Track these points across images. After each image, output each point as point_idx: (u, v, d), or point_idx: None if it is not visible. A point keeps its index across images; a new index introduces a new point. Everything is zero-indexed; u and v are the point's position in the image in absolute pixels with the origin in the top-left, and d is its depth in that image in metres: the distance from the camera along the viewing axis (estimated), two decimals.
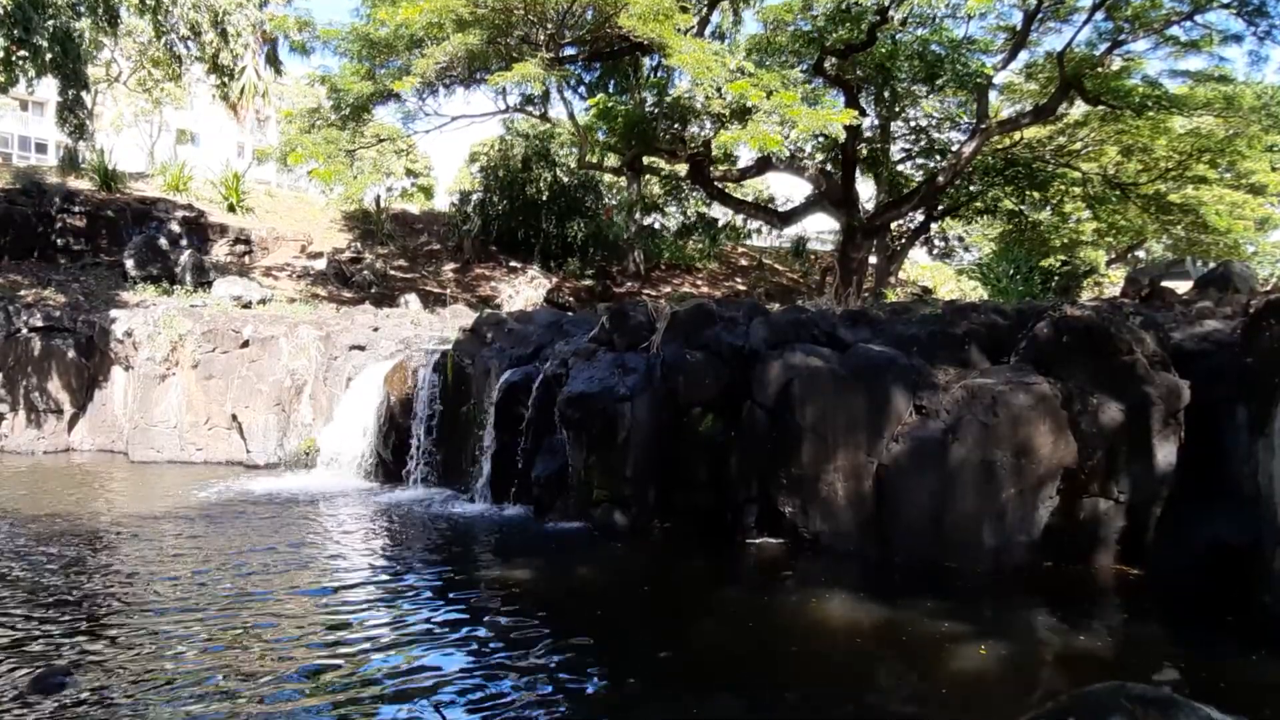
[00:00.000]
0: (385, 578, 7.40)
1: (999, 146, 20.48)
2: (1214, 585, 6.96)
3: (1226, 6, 15.66)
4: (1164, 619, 6.71)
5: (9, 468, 12.34)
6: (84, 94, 19.64)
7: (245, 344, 13.43)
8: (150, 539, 8.35)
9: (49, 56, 14.61)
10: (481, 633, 5.95)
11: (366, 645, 5.68)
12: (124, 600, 6.49)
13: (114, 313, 14.16)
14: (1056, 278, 18.29)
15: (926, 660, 5.57)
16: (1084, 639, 6.06)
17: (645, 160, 20.34)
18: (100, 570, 7.27)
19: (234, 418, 13.23)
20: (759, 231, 29.15)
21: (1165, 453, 7.59)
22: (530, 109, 20.36)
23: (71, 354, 13.78)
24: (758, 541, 8.57)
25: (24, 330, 13.69)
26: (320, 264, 20.30)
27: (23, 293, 14.61)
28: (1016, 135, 20.24)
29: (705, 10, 17.75)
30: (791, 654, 5.88)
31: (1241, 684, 5.26)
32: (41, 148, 46.18)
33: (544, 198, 22.62)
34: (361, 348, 13.20)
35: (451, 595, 6.89)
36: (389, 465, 11.72)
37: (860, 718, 4.77)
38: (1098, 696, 2.08)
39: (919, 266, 29.19)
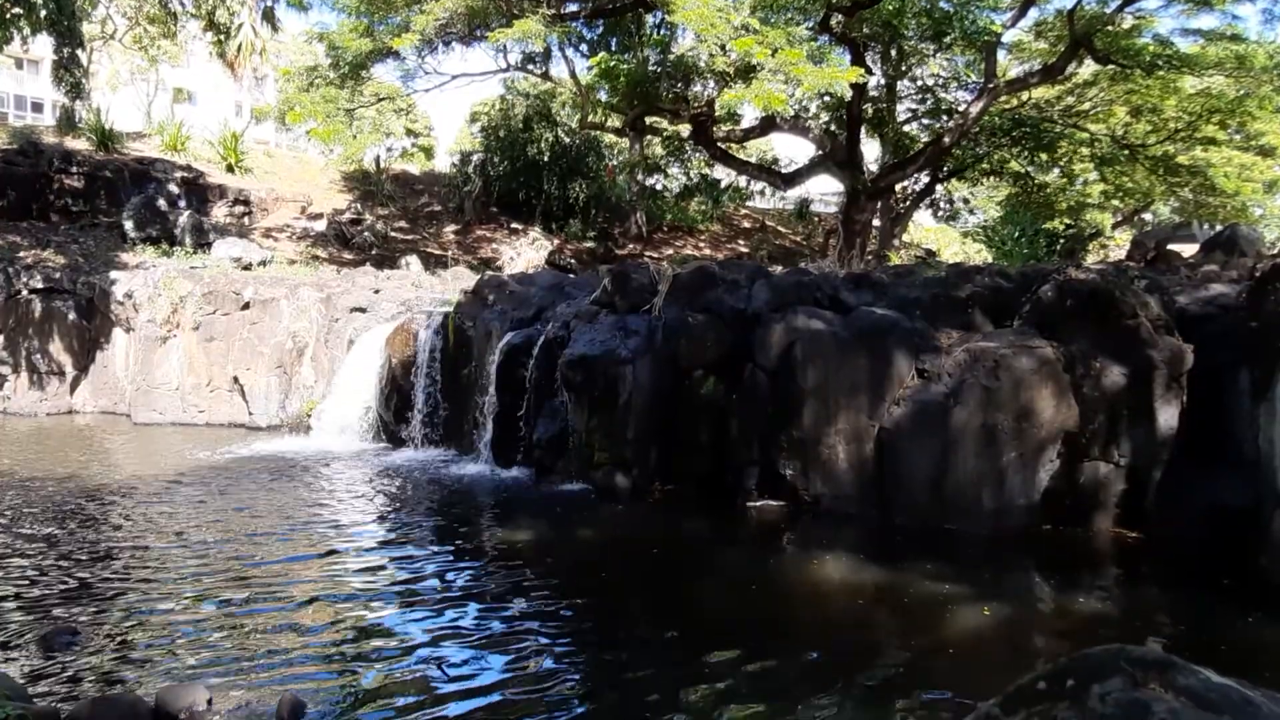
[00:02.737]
0: (387, 539, 7.46)
1: (1006, 107, 20.19)
2: (1212, 548, 6.99)
3: None
4: (1163, 582, 6.76)
5: (13, 429, 12.40)
6: (79, 52, 19.37)
7: (246, 306, 13.40)
8: (155, 500, 8.40)
9: (43, 13, 14.39)
10: (482, 593, 6.00)
11: (369, 604, 5.73)
12: (130, 560, 6.54)
13: (114, 274, 14.12)
14: (1062, 240, 18.11)
15: (928, 622, 5.62)
16: (1083, 601, 6.10)
17: (648, 120, 20.09)
18: (106, 531, 7.33)
19: (235, 380, 13.25)
20: (762, 193, 28.90)
21: (1167, 417, 7.59)
22: (531, 68, 20.08)
23: (72, 316, 13.77)
24: (758, 504, 8.61)
25: (24, 292, 13.66)
26: (320, 225, 20.18)
27: (22, 254, 14.55)
28: (1024, 95, 19.94)
29: None
30: (792, 615, 5.93)
31: (1239, 646, 5.30)
32: (37, 107, 45.65)
33: (545, 158, 22.39)
34: (363, 310, 13.17)
35: (453, 556, 6.94)
36: (391, 427, 11.75)
37: (862, 678, 4.81)
38: (1098, 659, 2.08)
39: (923, 229, 28.98)
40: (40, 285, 13.77)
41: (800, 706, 4.36)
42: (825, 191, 30.18)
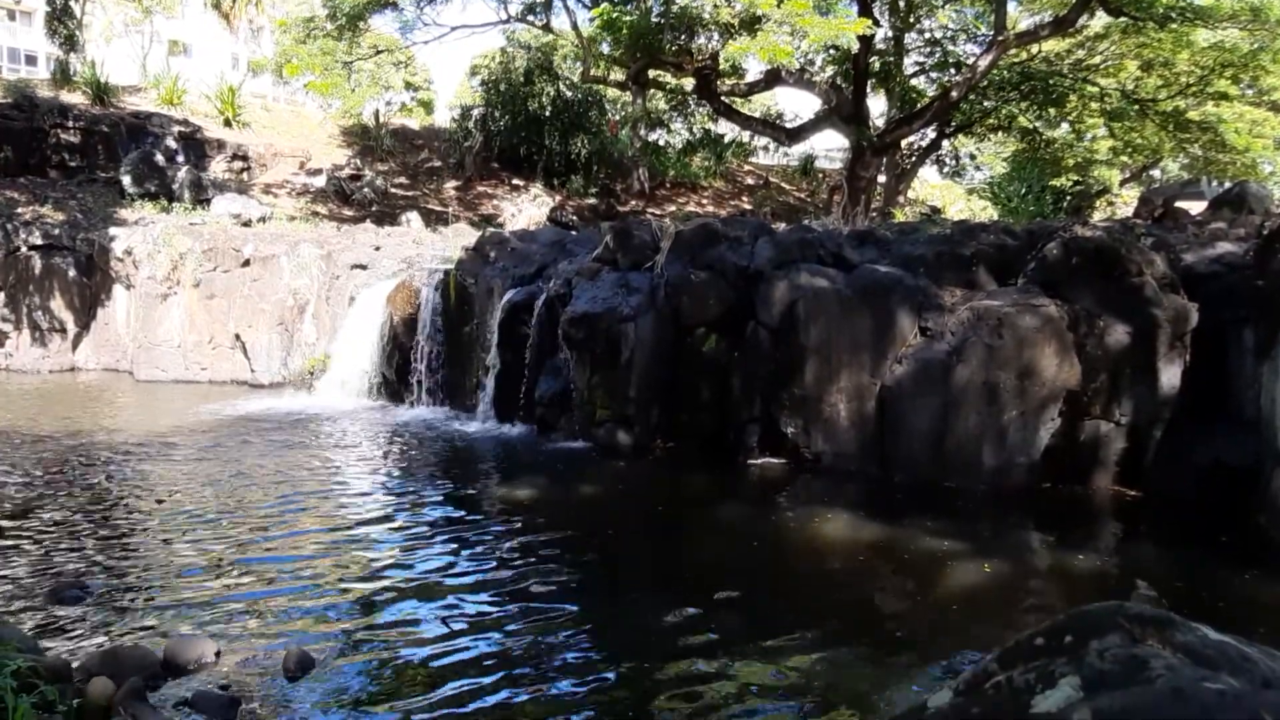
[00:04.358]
0: (390, 495, 7.51)
1: (1015, 60, 19.84)
2: (1211, 507, 7.03)
3: None
4: (1161, 539, 6.80)
5: (17, 386, 12.43)
6: (72, 3, 19.04)
7: (246, 263, 13.33)
8: (159, 457, 8.45)
9: None
10: (485, 549, 6.06)
11: (373, 561, 5.79)
12: (135, 516, 6.60)
13: (113, 231, 14.03)
14: (1068, 197, 17.96)
15: (928, 578, 5.67)
16: (1082, 558, 6.15)
17: (651, 74, 19.79)
18: (111, 487, 7.38)
19: (237, 337, 13.24)
20: (766, 149, 28.59)
21: (1169, 375, 7.58)
22: (532, 19, 19.72)
23: (72, 273, 13.72)
24: (760, 462, 8.65)
25: (23, 248, 13.59)
26: (319, 181, 19.99)
27: (20, 210, 14.44)
28: (1034, 48, 19.57)
29: None
30: (794, 572, 5.99)
31: (1237, 603, 5.36)
32: (31, 60, 44.98)
33: (547, 113, 22.08)
34: (364, 267, 13.10)
35: (456, 512, 6.99)
36: (392, 384, 11.78)
37: (862, 633, 4.87)
38: (1096, 615, 2.08)
39: (929, 185, 28.69)
40: (39, 242, 13.69)
41: (802, 661, 4.42)
42: (830, 147, 29.83)
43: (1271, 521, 6.50)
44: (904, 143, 21.78)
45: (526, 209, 19.87)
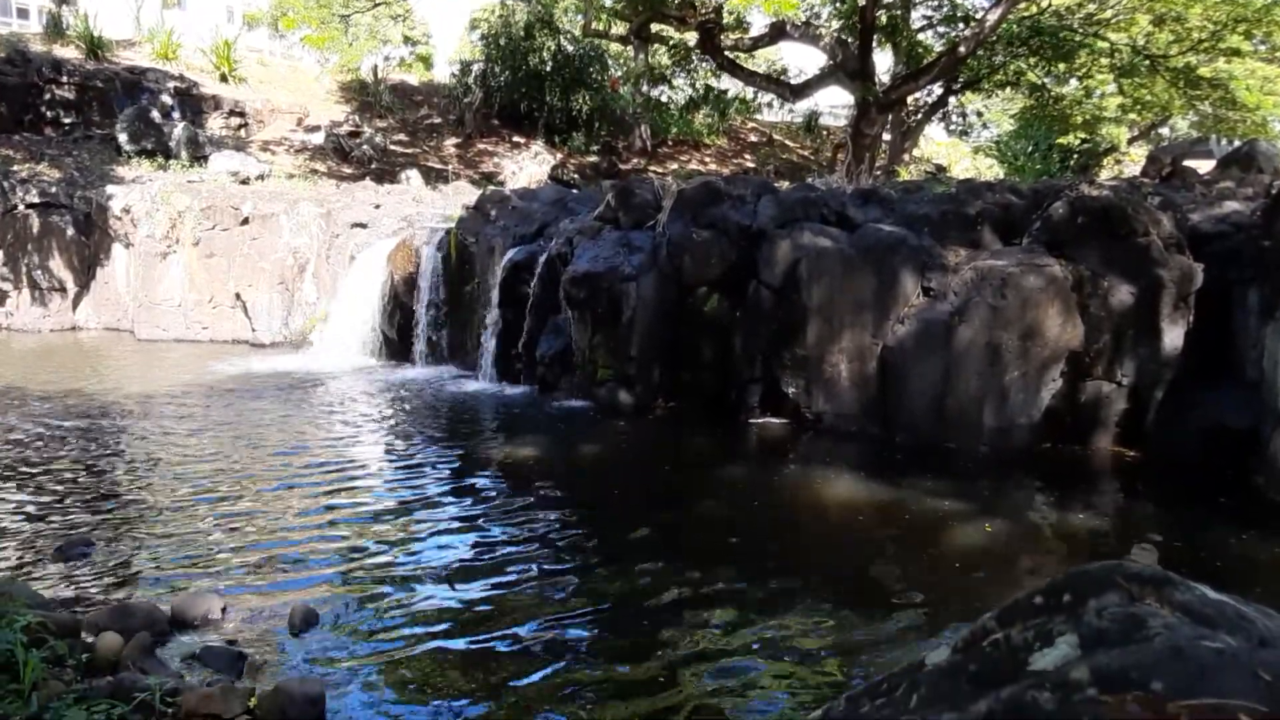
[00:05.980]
0: (392, 454, 7.55)
1: (1025, 14, 19.44)
2: (1211, 468, 7.05)
3: None
4: (1160, 500, 6.83)
5: (17, 346, 12.43)
6: None
7: (245, 221, 13.23)
8: (161, 416, 8.48)
9: None
10: (488, 508, 6.10)
11: (376, 517, 5.83)
12: (140, 474, 6.64)
13: (110, 188, 13.90)
14: (1076, 156, 17.71)
15: (929, 538, 5.71)
16: (1082, 518, 6.19)
17: (653, 28, 19.44)
18: (115, 446, 7.41)
19: (238, 296, 13.20)
20: (770, 105, 28.15)
21: (1172, 336, 7.55)
22: None
23: (71, 231, 13.62)
24: (761, 421, 8.67)
25: (21, 206, 13.47)
26: (318, 137, 19.76)
27: (16, 168, 14.30)
28: (1044, 2, 19.18)
29: None
30: (794, 531, 6.03)
31: (1235, 562, 5.40)
32: (23, 13, 44.09)
33: (548, 68, 21.74)
34: (364, 225, 13.01)
35: (458, 471, 7.03)
36: (394, 344, 11.77)
37: (862, 592, 4.92)
38: (1094, 574, 2.08)
39: (934, 143, 28.32)
40: (37, 200, 13.57)
41: (802, 619, 4.46)
42: (835, 104, 29.40)
43: (1270, 483, 6.53)
44: (910, 99, 21.46)
45: (527, 167, 19.67)
